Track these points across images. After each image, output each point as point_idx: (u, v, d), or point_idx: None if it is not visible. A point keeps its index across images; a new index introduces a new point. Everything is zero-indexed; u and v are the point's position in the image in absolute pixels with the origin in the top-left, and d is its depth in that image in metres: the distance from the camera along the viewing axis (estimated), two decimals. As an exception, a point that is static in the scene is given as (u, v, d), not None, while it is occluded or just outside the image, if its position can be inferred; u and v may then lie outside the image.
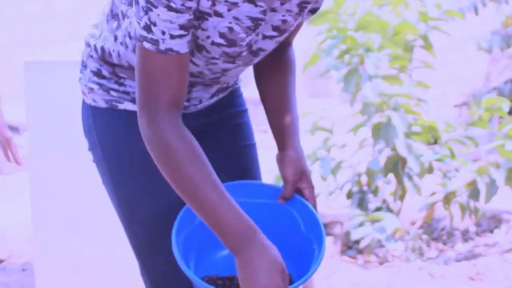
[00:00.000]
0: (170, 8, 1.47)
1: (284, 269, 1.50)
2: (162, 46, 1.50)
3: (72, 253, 3.01)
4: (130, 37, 1.65)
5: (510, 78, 6.35)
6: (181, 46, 1.51)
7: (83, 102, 1.79)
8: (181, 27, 1.50)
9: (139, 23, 1.50)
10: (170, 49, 1.50)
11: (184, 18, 1.49)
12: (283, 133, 1.73)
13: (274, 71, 1.77)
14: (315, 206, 1.70)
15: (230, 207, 1.50)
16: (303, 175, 1.71)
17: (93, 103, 1.75)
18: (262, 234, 1.51)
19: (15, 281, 3.58)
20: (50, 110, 2.92)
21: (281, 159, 1.72)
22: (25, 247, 3.97)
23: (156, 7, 1.46)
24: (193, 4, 1.49)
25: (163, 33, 1.48)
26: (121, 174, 1.73)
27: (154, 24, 1.48)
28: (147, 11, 1.47)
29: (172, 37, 1.49)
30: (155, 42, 1.49)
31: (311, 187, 1.71)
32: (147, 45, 1.50)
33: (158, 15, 1.47)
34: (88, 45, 1.76)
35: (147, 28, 1.49)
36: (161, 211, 1.63)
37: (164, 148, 1.51)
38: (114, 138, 1.63)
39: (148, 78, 1.52)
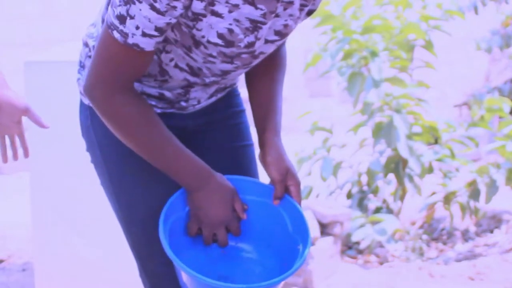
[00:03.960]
0: (153, 8, 1.48)
1: (234, 195, 1.66)
2: (130, 40, 1.52)
3: (72, 253, 3.01)
4: None
5: (510, 78, 6.34)
6: (148, 44, 1.54)
7: (81, 102, 1.79)
8: (157, 29, 1.51)
9: (114, 11, 1.51)
10: (136, 45, 1.53)
11: (163, 20, 1.50)
12: (265, 133, 1.74)
13: (264, 68, 1.78)
14: (300, 203, 1.72)
15: (185, 155, 1.63)
16: (288, 173, 1.71)
17: (91, 104, 1.74)
18: (215, 174, 1.65)
19: (15, 281, 3.58)
20: (50, 110, 2.91)
21: (264, 160, 1.73)
22: (25, 247, 3.97)
23: (140, 2, 1.48)
24: (179, 4, 1.49)
25: (137, 28, 1.51)
26: (119, 175, 1.73)
27: (132, 17, 1.50)
28: (128, 2, 1.49)
29: (144, 35, 1.51)
30: (124, 34, 1.52)
31: (297, 184, 1.72)
32: (116, 34, 1.53)
33: (140, 10, 1.48)
34: (86, 45, 1.76)
35: (122, 18, 1.51)
36: (159, 212, 1.63)
37: (123, 118, 1.59)
38: (112, 139, 1.63)
39: (108, 59, 1.56)
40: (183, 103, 1.76)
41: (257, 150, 1.91)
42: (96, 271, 3.00)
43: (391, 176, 4.13)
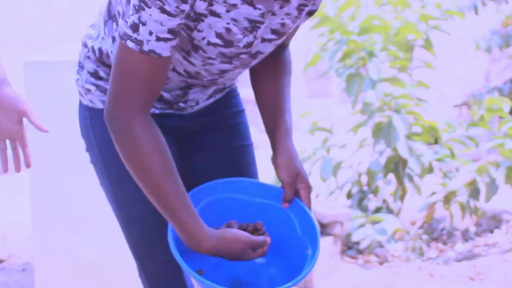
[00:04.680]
0: (163, 10, 1.47)
1: (243, 240, 1.59)
2: (145, 47, 1.51)
3: (72, 253, 3.01)
4: None
5: (510, 78, 6.34)
6: (164, 49, 1.52)
7: (80, 103, 1.79)
8: (170, 31, 1.50)
9: (126, 21, 1.50)
10: (153, 51, 1.51)
11: (175, 22, 1.49)
12: (276, 134, 1.73)
13: (270, 72, 1.77)
14: (310, 208, 1.70)
15: (187, 211, 1.56)
16: (298, 176, 1.70)
17: (90, 104, 1.75)
18: (211, 239, 1.57)
19: (15, 281, 3.58)
20: (50, 110, 2.92)
21: (275, 162, 1.72)
22: (25, 247, 3.97)
23: (149, 7, 1.47)
24: (186, 7, 1.49)
25: (150, 33, 1.49)
26: (118, 175, 1.73)
27: (144, 24, 1.48)
28: (138, 10, 1.48)
29: (158, 39, 1.50)
30: (139, 42, 1.50)
31: (307, 188, 1.71)
32: (130, 44, 1.51)
33: (150, 15, 1.47)
34: (85, 46, 1.76)
35: (134, 27, 1.49)
36: (158, 212, 1.63)
37: (135, 147, 1.55)
38: (111, 139, 1.63)
39: (126, 75, 1.53)
40: (181, 104, 1.76)
41: (257, 149, 1.91)
42: (96, 271, 3.00)
43: (391, 176, 4.13)
